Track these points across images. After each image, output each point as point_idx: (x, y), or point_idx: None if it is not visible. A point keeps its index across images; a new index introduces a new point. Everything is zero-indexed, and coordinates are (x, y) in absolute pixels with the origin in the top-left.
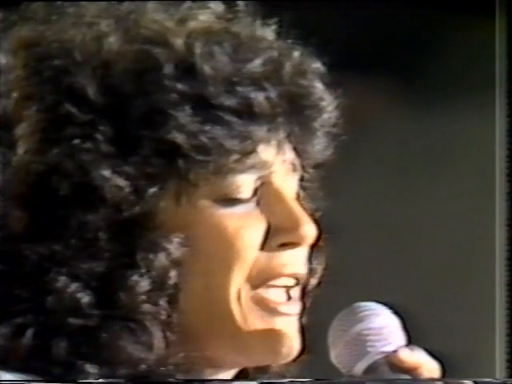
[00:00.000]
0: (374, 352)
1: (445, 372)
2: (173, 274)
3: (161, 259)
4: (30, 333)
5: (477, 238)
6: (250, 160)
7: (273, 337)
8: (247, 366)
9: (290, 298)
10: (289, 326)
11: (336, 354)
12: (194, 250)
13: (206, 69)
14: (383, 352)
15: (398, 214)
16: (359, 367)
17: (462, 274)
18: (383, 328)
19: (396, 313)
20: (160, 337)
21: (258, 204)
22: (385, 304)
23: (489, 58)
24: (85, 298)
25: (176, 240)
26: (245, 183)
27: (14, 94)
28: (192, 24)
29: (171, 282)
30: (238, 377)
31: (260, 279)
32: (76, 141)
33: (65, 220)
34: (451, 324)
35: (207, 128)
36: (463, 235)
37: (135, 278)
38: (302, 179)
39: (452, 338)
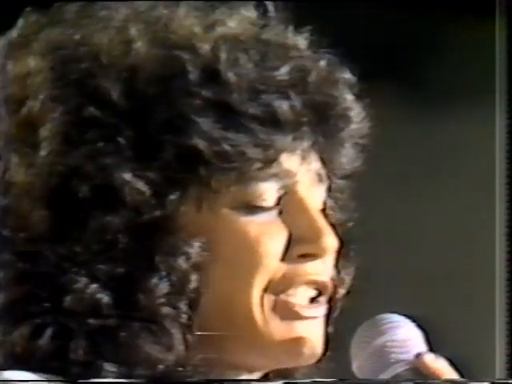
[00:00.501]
0: (397, 364)
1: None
2: (193, 278)
3: (181, 263)
4: (48, 333)
5: (476, 239)
6: (273, 169)
7: (295, 340)
8: (268, 369)
9: (314, 301)
10: (312, 329)
11: (358, 366)
12: (215, 255)
13: (230, 76)
14: (406, 364)
15: (397, 217)
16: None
17: (462, 274)
18: (407, 340)
19: (418, 325)
20: (180, 338)
21: (280, 213)
22: (406, 316)
23: (489, 58)
24: (104, 299)
25: (196, 244)
26: (267, 191)
27: (41, 96)
28: (220, 30)
29: (192, 285)
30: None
31: (281, 286)
32: (99, 143)
33: (85, 221)
34: (451, 324)
35: (230, 135)
36: (462, 235)
37: (155, 280)
38: (330, 189)
39: (452, 338)
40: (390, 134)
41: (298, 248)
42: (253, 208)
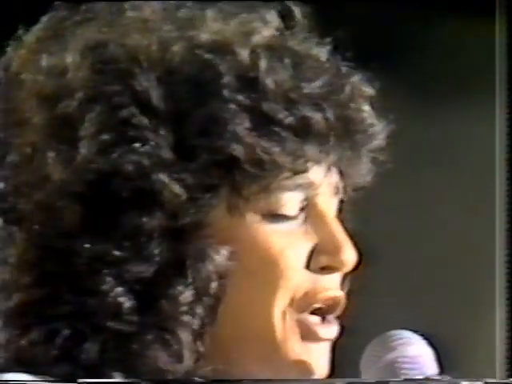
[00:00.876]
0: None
1: None
2: (215, 285)
3: (207, 269)
4: (62, 337)
5: (476, 238)
6: (300, 179)
7: (307, 363)
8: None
9: (328, 321)
10: (323, 351)
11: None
12: (239, 264)
13: (269, 82)
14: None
15: (397, 220)
16: None
17: (462, 273)
18: (418, 357)
19: (430, 343)
20: (192, 350)
21: (303, 223)
22: (418, 333)
23: (489, 58)
24: (126, 303)
25: (224, 252)
26: (291, 201)
27: (79, 94)
28: (256, 38)
29: (212, 292)
30: None
31: (306, 302)
32: (137, 144)
33: (120, 222)
34: (451, 324)
35: (263, 143)
36: (462, 234)
37: (180, 288)
38: (342, 201)
39: (452, 338)
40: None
41: (320, 260)
42: (276, 216)
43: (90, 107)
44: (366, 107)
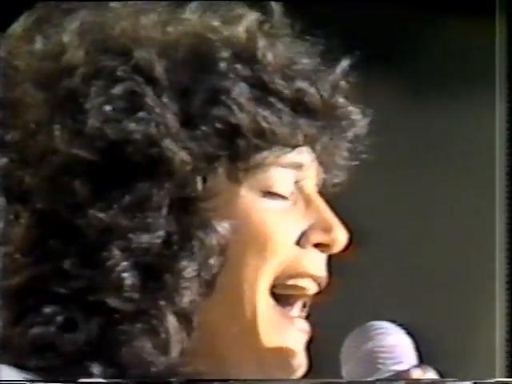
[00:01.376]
0: (384, 369)
1: None
2: (214, 260)
3: (211, 242)
4: (55, 324)
5: (476, 237)
6: (293, 157)
7: (285, 351)
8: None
9: (301, 317)
10: (300, 342)
11: (347, 370)
12: (236, 239)
13: (269, 56)
14: (393, 370)
15: (394, 215)
16: None
17: (462, 273)
18: (395, 347)
19: (409, 333)
20: (178, 341)
21: (294, 204)
22: (397, 323)
23: (489, 58)
24: (129, 279)
25: (226, 225)
26: (283, 179)
27: (80, 70)
28: (246, 21)
29: (210, 268)
30: None
31: (286, 275)
32: (142, 113)
33: (129, 191)
34: (451, 324)
35: (263, 112)
36: (462, 233)
37: (185, 262)
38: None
39: (452, 338)
40: (389, 131)
41: (313, 237)
42: (271, 195)
43: (94, 81)
44: (349, 96)
